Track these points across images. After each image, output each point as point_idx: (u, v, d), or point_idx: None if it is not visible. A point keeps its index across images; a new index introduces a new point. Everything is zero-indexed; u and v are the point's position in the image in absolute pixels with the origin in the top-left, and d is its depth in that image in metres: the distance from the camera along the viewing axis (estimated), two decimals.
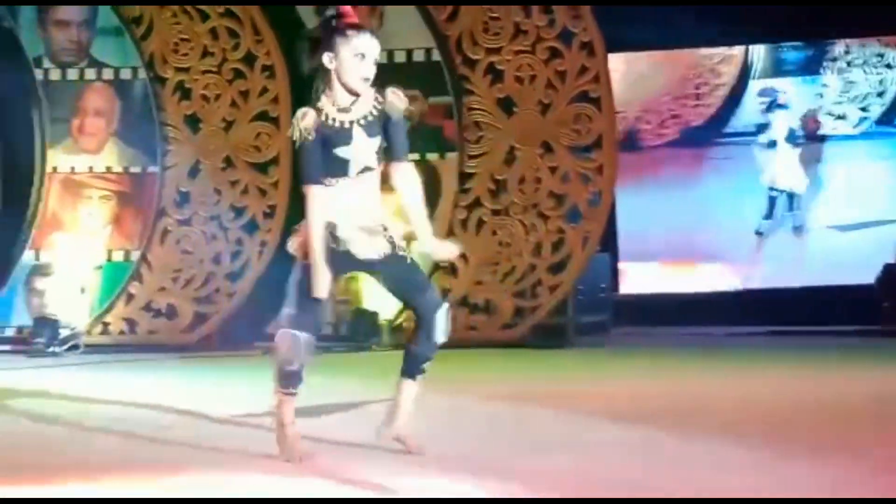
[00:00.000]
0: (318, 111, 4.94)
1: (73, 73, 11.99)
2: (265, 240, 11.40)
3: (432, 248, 5.11)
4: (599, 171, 10.99)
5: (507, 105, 11.14)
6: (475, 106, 11.23)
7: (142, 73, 11.77)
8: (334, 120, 4.95)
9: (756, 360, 9.56)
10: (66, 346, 11.05)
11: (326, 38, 4.94)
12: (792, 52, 13.36)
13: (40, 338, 11.01)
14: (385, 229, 5.07)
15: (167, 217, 11.65)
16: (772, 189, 13.20)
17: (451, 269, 11.10)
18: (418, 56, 11.38)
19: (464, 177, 11.23)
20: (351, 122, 4.94)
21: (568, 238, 10.94)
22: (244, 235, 11.54)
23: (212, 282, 11.53)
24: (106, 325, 11.54)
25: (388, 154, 5.02)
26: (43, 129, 11.93)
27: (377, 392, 6.49)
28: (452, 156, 11.34)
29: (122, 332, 11.49)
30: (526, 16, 11.09)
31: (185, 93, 11.67)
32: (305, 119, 4.91)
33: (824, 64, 13.16)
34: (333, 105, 4.95)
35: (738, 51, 13.34)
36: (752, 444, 5.28)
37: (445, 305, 5.15)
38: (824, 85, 13.16)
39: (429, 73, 11.33)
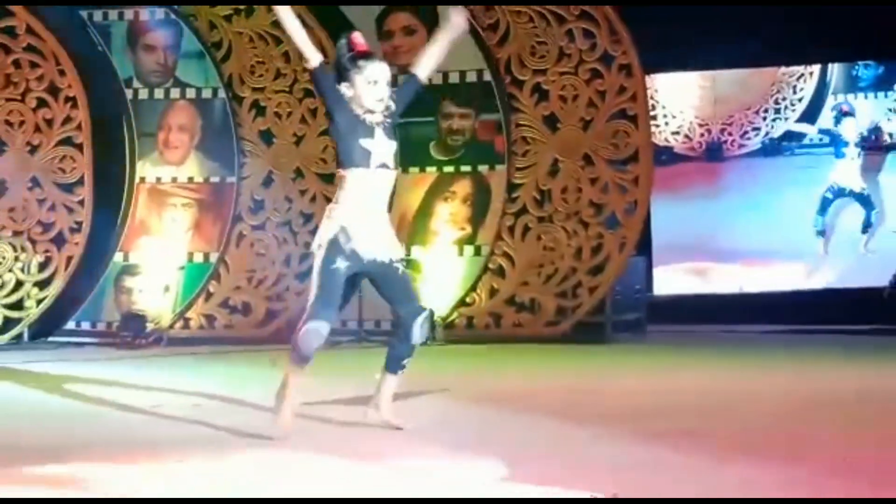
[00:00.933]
0: (351, 99, 5.25)
1: (159, 93, 12.04)
2: None
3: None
4: (635, 182, 10.95)
5: (551, 121, 11.14)
6: (522, 122, 11.24)
7: (221, 93, 11.81)
8: (361, 115, 5.25)
9: (784, 357, 9.46)
10: (150, 339, 11.14)
11: (342, 69, 5.26)
12: (865, 70, 13.18)
13: (128, 331, 11.14)
14: (390, 236, 5.42)
15: (243, 223, 11.72)
16: (838, 191, 13.08)
17: (500, 270, 11.17)
18: (471, 77, 11.37)
19: (512, 187, 11.24)
20: (374, 124, 5.26)
21: (606, 243, 10.93)
22: (312, 240, 11.60)
23: (282, 281, 11.52)
24: (187, 320, 11.61)
25: (414, 88, 5.49)
26: (132, 143, 11.97)
27: (430, 382, 6.63)
28: (501, 168, 11.37)
29: (201, 327, 11.56)
30: (570, 40, 11.02)
31: (259, 110, 11.71)
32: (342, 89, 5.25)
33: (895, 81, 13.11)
34: (360, 108, 5.26)
35: (815, 68, 13.22)
36: (768, 436, 5.31)
37: (424, 314, 5.37)
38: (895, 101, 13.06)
39: (480, 92, 11.38)
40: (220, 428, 5.61)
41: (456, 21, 5.48)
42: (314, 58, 5.28)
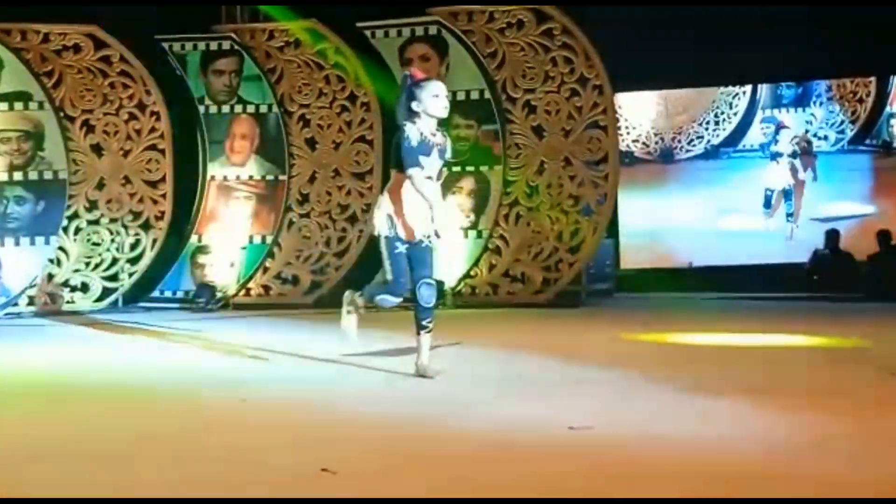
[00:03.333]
0: (416, 126, 5.44)
1: (225, 108, 12.15)
2: (362, 228, 11.37)
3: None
4: (606, 179, 11.02)
5: (538, 131, 11.20)
6: (515, 131, 11.30)
7: (275, 108, 11.93)
8: (425, 136, 5.44)
9: (722, 318, 9.46)
10: (219, 305, 11.34)
11: (410, 92, 5.50)
12: (787, 90, 13.32)
13: (201, 299, 11.31)
14: (424, 221, 5.47)
15: (292, 212, 11.79)
16: (773, 190, 13.19)
17: (497, 250, 11.18)
18: (474, 95, 11.40)
19: (507, 183, 11.31)
20: (434, 143, 5.45)
21: (582, 228, 11.02)
22: (347, 225, 11.62)
23: (324, 258, 11.63)
24: (248, 289, 11.69)
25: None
26: (204, 149, 12.13)
27: (445, 338, 6.79)
28: (498, 168, 11.39)
29: (259, 295, 11.62)
30: (553, 66, 11.05)
31: (305, 122, 11.79)
32: (411, 130, 5.43)
33: (812, 98, 13.20)
34: (426, 129, 5.46)
35: (748, 88, 13.37)
36: (720, 377, 5.57)
37: (426, 280, 5.52)
38: (812, 114, 13.17)
39: (482, 107, 11.40)
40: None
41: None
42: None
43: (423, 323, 5.61)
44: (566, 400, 4.90)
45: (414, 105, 5.43)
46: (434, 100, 5.43)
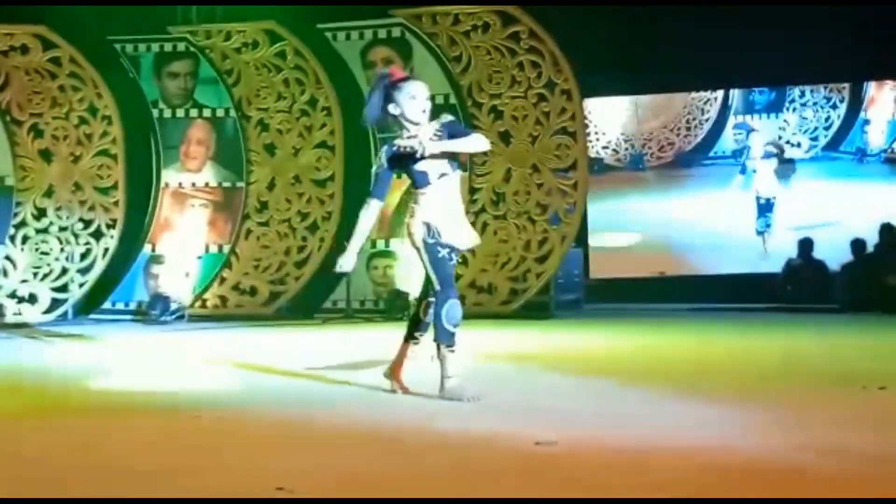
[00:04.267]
0: (392, 145, 4.93)
1: (180, 112, 11.80)
2: (323, 237, 11.23)
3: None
4: (574, 187, 10.79)
5: (505, 137, 10.89)
6: None
7: (232, 113, 11.58)
8: (409, 147, 4.86)
9: (691, 327, 9.46)
10: (174, 317, 10.94)
11: (385, 93, 4.96)
12: (760, 95, 13.15)
13: (155, 310, 10.91)
14: (468, 226, 5.10)
15: (250, 220, 11.50)
16: (758, 197, 12.97)
17: (463, 259, 10.94)
18: (440, 100, 10.88)
19: (473, 190, 10.97)
20: (423, 146, 4.82)
21: (550, 237, 10.77)
22: (308, 234, 11.36)
23: (283, 268, 11.34)
24: (204, 300, 11.41)
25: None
26: (158, 154, 11.77)
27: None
28: (464, 174, 11.20)
29: (216, 306, 11.35)
30: (520, 70, 10.81)
31: (264, 127, 11.48)
32: (381, 156, 4.99)
33: (785, 104, 13.03)
34: (406, 137, 4.93)
35: (719, 94, 13.16)
36: (673, 385, 5.35)
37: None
38: (785, 120, 12.99)
39: (447, 112, 11.23)
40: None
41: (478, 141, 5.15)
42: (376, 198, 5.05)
43: (416, 335, 5.21)
44: (534, 413, 4.56)
45: (391, 108, 4.95)
46: (411, 102, 4.92)
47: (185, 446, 4.06)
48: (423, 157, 4.85)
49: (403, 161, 4.92)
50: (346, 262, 5.05)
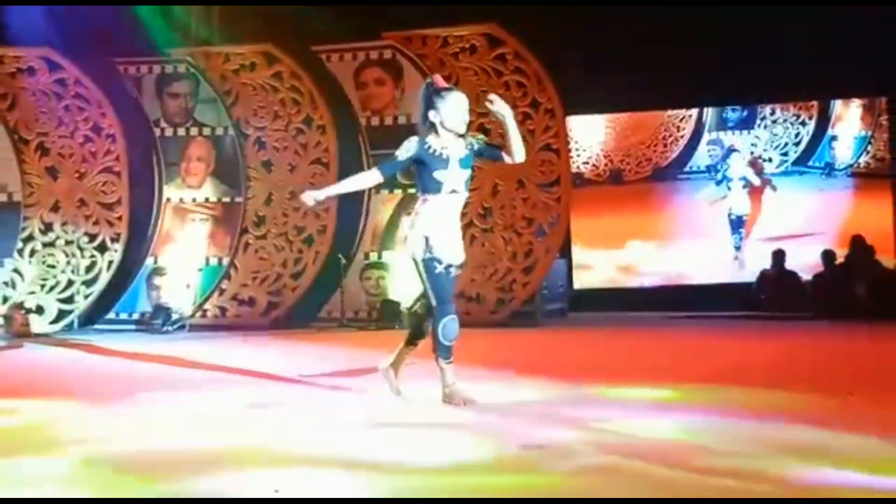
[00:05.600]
0: (423, 142, 4.90)
1: (181, 131, 11.84)
2: (319, 250, 11.26)
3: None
4: (558, 201, 10.76)
5: None
6: None
7: (231, 131, 11.63)
8: (437, 151, 4.89)
9: (670, 334, 9.49)
10: (175, 327, 10.94)
11: (429, 99, 4.95)
12: (732, 113, 13.14)
13: (157, 320, 10.92)
14: (461, 245, 5.03)
15: (248, 234, 11.49)
16: (730, 214, 12.94)
17: None
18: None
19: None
20: (449, 155, 4.90)
21: (535, 249, 10.74)
22: (304, 247, 11.35)
23: (280, 280, 11.33)
24: (204, 311, 11.40)
25: (496, 155, 5.09)
26: (160, 171, 11.83)
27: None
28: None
29: (216, 316, 11.34)
30: (506, 89, 10.73)
31: (261, 145, 11.51)
32: (408, 145, 4.91)
33: (756, 121, 13.05)
34: (438, 143, 4.91)
35: (694, 111, 13.18)
36: (653, 389, 5.37)
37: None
38: (757, 137, 13.00)
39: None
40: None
41: (499, 106, 5.02)
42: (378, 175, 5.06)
43: (415, 342, 5.21)
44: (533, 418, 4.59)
45: (431, 115, 4.91)
46: (455, 112, 4.92)
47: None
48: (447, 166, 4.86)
49: (428, 162, 4.87)
50: (308, 197, 5.08)
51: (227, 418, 4.87)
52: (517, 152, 5.05)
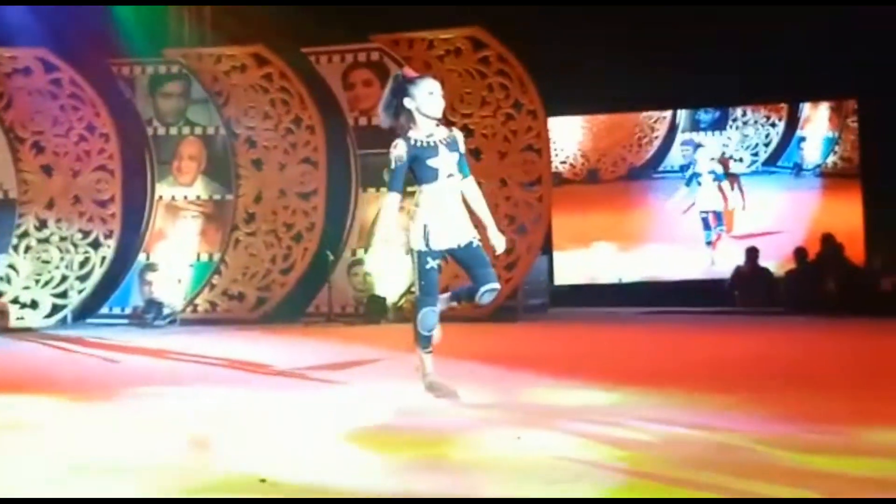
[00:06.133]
0: (409, 139, 4.83)
1: (174, 130, 11.91)
2: (307, 247, 11.34)
3: (496, 239, 5.02)
4: (540, 199, 10.86)
5: (476, 153, 10.78)
6: None
7: (222, 131, 11.70)
8: (423, 141, 4.85)
9: (647, 328, 9.56)
10: (167, 321, 11.02)
11: (401, 89, 4.88)
12: (705, 114, 13.27)
13: (149, 314, 11.02)
14: (466, 224, 4.94)
15: (239, 230, 11.56)
16: (702, 211, 13.05)
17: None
18: None
19: None
20: (436, 142, 4.87)
21: (518, 246, 10.73)
22: (293, 244, 11.42)
23: (269, 276, 11.41)
24: (195, 305, 11.46)
25: (463, 171, 4.97)
26: (153, 169, 11.88)
27: (384, 353, 6.60)
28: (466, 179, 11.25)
29: (206, 311, 11.39)
30: (490, 91, 10.91)
31: (252, 144, 11.58)
32: (397, 149, 4.84)
33: (728, 122, 13.17)
34: (421, 133, 4.86)
35: (667, 113, 13.29)
36: (630, 382, 5.46)
37: (493, 283, 4.96)
38: (728, 137, 13.12)
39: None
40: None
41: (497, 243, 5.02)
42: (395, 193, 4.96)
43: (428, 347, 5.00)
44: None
45: (407, 102, 4.83)
46: (429, 97, 4.85)
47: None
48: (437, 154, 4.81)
49: (419, 154, 4.82)
50: (373, 259, 5.01)
51: (213, 412, 4.95)
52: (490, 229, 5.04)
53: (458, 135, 5.02)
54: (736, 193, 13.06)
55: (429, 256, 4.90)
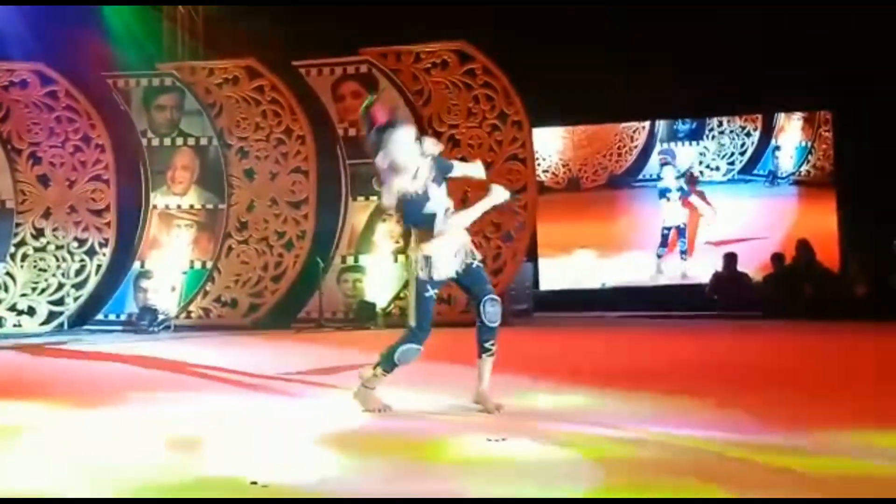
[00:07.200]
0: (400, 193, 4.59)
1: (167, 141, 11.87)
2: (298, 254, 11.32)
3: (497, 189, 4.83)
4: (525, 207, 10.85)
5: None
6: None
7: (215, 141, 11.68)
8: (411, 194, 4.58)
9: (629, 332, 9.62)
10: (161, 327, 10.98)
11: (377, 140, 4.60)
12: (683, 125, 13.35)
13: (144, 321, 10.96)
14: (464, 246, 4.76)
15: (231, 238, 11.55)
16: (664, 227, 13.11)
17: None
18: None
19: None
20: (425, 187, 4.60)
21: (503, 253, 10.82)
22: (284, 251, 11.41)
23: (261, 283, 11.39)
24: (189, 312, 11.43)
25: (448, 168, 4.78)
26: (147, 179, 11.83)
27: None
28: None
29: (199, 317, 11.36)
30: (476, 103, 10.96)
31: (244, 154, 11.58)
32: (399, 187, 4.60)
33: (705, 132, 13.25)
34: (405, 177, 4.59)
35: (646, 123, 13.35)
36: (612, 383, 5.49)
37: (491, 295, 4.77)
38: (705, 147, 13.21)
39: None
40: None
41: (497, 192, 4.87)
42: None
43: (487, 345, 4.73)
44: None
45: (379, 159, 4.53)
46: (400, 148, 4.54)
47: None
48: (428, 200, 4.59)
49: (411, 206, 4.60)
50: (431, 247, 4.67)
51: (206, 416, 4.94)
52: (460, 170, 4.90)
53: (435, 153, 4.70)
54: (705, 206, 13.10)
55: (429, 285, 4.71)
